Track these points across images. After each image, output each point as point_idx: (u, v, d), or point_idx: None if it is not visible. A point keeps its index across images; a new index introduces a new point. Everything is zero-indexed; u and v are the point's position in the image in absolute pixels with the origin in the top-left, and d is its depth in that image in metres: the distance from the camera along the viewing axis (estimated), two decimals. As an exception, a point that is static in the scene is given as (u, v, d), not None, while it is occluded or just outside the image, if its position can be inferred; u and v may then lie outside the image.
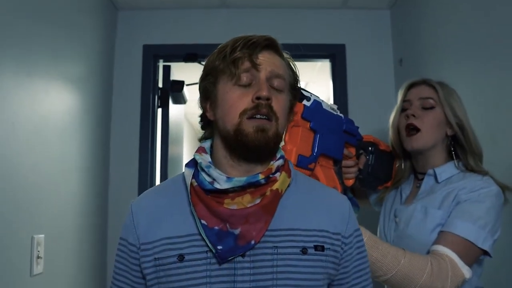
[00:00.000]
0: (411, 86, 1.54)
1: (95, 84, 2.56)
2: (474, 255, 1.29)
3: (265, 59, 1.01)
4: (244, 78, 0.99)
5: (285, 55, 1.09)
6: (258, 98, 0.97)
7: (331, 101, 2.93)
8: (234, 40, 1.03)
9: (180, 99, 3.20)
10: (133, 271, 1.02)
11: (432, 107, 1.47)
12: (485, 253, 1.30)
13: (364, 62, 2.92)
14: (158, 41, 2.94)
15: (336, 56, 2.93)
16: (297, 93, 1.13)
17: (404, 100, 1.53)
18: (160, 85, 3.00)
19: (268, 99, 0.97)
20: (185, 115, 5.05)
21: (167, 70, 2.99)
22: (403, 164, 1.62)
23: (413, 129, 1.48)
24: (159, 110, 2.98)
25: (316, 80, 4.44)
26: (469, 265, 1.27)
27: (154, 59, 2.95)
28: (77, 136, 2.29)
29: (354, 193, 1.69)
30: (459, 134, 1.45)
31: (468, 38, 1.97)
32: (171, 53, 2.97)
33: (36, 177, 1.83)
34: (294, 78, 1.10)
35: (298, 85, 1.14)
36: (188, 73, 3.03)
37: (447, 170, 1.46)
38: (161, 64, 3.02)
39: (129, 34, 2.94)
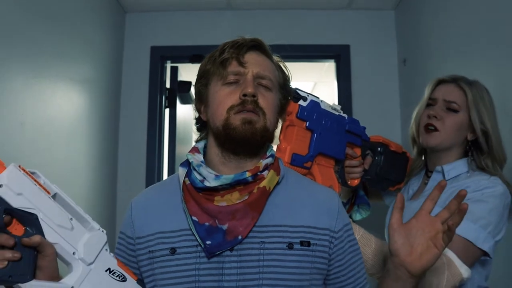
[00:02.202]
0: (439, 83, 1.50)
1: (103, 85, 2.62)
2: (474, 255, 1.27)
3: (251, 59, 1.07)
4: (232, 77, 1.05)
5: (276, 58, 1.14)
6: (244, 95, 1.02)
7: (336, 101, 2.96)
8: (223, 44, 1.09)
9: (187, 99, 3.25)
10: (131, 263, 1.07)
11: (456, 111, 1.43)
12: (486, 254, 1.27)
13: (368, 62, 2.94)
14: (165, 43, 3.00)
15: (341, 56, 2.95)
16: (288, 93, 1.17)
17: (430, 98, 1.49)
18: (168, 85, 3.05)
19: (253, 95, 1.02)
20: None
21: (174, 71, 3.04)
22: (418, 162, 1.60)
23: (431, 128, 1.45)
24: (167, 111, 3.04)
25: (324, 80, 4.47)
26: (469, 264, 1.25)
27: (161, 61, 3.01)
28: (85, 136, 2.35)
29: (367, 192, 1.69)
30: (481, 140, 1.41)
31: (472, 39, 1.97)
32: (178, 55, 3.03)
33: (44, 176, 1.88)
34: (284, 78, 1.14)
35: (289, 85, 1.18)
36: (196, 74, 3.07)
37: (456, 168, 1.43)
38: (168, 65, 3.08)
39: (136, 36, 3.00)
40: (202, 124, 1.16)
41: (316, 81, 4.72)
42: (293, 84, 1.23)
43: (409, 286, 1.01)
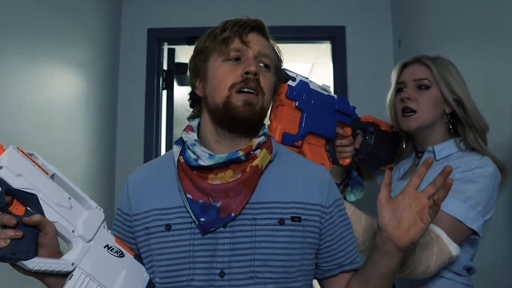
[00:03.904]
0: (404, 66, 1.52)
1: (101, 67, 2.64)
2: (463, 234, 1.30)
3: (252, 38, 1.09)
4: (233, 53, 1.07)
5: (271, 40, 1.16)
6: (246, 73, 1.04)
7: (331, 82, 2.98)
8: (224, 22, 1.10)
9: (185, 81, 3.26)
10: (128, 238, 1.12)
11: (427, 87, 1.45)
12: (475, 233, 1.30)
13: (363, 43, 2.94)
14: (162, 25, 3.01)
15: (336, 38, 2.96)
16: (281, 76, 1.21)
17: (398, 82, 1.52)
18: (165, 67, 3.07)
19: (256, 74, 1.05)
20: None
21: (171, 53, 3.05)
22: (404, 143, 1.63)
23: (409, 112, 1.46)
24: (164, 92, 3.06)
25: (321, 62, 4.48)
26: (458, 243, 1.28)
27: (158, 43, 3.02)
28: (83, 118, 2.38)
29: (360, 172, 1.72)
30: (457, 110, 1.42)
31: (466, 19, 1.98)
32: (175, 37, 3.03)
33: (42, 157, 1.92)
34: (278, 61, 1.17)
35: (282, 68, 1.21)
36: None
37: (447, 148, 1.44)
38: (165, 47, 3.09)
39: (133, 18, 3.01)
40: (196, 100, 1.18)
41: (313, 63, 4.74)
42: (291, 66, 1.26)
43: (396, 259, 1.03)
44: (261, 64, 1.09)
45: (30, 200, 0.85)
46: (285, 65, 1.27)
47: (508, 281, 1.59)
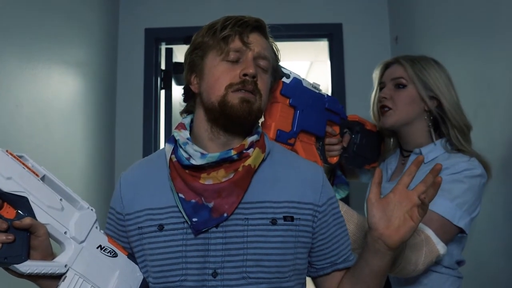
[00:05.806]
0: (386, 67, 1.55)
1: (98, 68, 2.65)
2: (451, 232, 1.32)
3: (253, 39, 1.07)
4: (233, 54, 1.05)
5: (270, 39, 1.15)
6: (245, 74, 1.03)
7: (329, 80, 2.98)
8: (224, 19, 1.08)
9: (183, 81, 3.25)
10: (121, 237, 1.12)
11: (404, 86, 1.47)
12: (462, 231, 1.33)
13: (361, 40, 2.95)
14: (159, 25, 3.01)
15: (333, 35, 2.96)
16: (277, 75, 1.20)
17: (380, 82, 1.55)
18: (163, 67, 3.07)
19: (254, 76, 1.04)
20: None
21: (169, 52, 3.06)
22: (391, 142, 1.64)
23: (386, 109, 1.49)
24: (162, 92, 3.06)
25: (320, 59, 4.47)
26: (446, 241, 1.29)
27: (156, 42, 3.03)
28: (81, 119, 2.38)
29: (344, 171, 1.72)
30: (432, 108, 1.44)
31: (462, 16, 1.98)
32: (173, 36, 3.04)
33: (39, 158, 1.91)
34: (276, 60, 1.17)
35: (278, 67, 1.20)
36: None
37: (434, 150, 1.45)
38: (163, 46, 3.09)
39: (131, 18, 3.02)
40: (190, 95, 1.16)
41: (312, 61, 4.73)
42: (289, 64, 1.25)
43: (387, 258, 1.03)
44: (260, 66, 1.08)
45: (20, 203, 0.85)
46: (283, 63, 1.27)
47: (505, 275, 1.61)
